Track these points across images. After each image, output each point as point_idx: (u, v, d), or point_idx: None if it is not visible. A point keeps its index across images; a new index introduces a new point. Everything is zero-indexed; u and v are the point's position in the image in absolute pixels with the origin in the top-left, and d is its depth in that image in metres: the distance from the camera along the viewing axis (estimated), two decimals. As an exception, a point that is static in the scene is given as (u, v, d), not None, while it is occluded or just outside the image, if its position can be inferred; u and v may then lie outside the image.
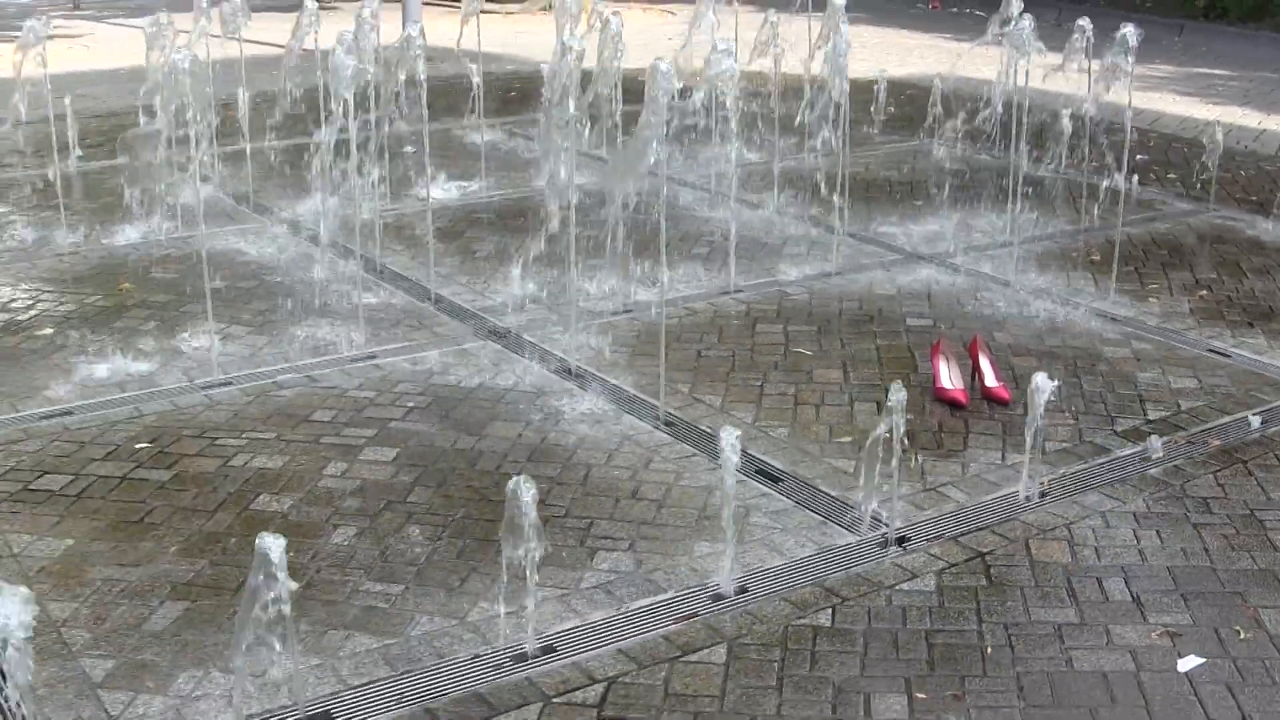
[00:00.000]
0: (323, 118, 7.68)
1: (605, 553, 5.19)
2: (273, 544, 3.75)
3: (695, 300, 7.94)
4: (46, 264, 8.59)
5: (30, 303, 7.86)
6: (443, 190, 10.21)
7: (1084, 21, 8.34)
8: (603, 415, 6.35)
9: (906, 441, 5.19)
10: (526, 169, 10.93)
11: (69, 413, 6.40)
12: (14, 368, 6.91)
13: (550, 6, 11.40)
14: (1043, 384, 5.47)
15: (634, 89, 6.94)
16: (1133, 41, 7.55)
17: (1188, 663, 4.56)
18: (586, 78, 6.60)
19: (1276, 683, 4.49)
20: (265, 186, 9.99)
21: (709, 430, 6.21)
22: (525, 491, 4.24)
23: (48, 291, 8.06)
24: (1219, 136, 10.03)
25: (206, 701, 4.30)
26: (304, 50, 9.15)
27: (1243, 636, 4.73)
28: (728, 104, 7.34)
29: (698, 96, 6.64)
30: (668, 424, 6.32)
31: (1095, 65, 8.17)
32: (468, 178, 10.47)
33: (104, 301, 7.86)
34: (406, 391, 6.61)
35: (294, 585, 3.79)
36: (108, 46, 17.69)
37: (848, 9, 8.42)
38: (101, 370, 6.84)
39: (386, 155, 9.18)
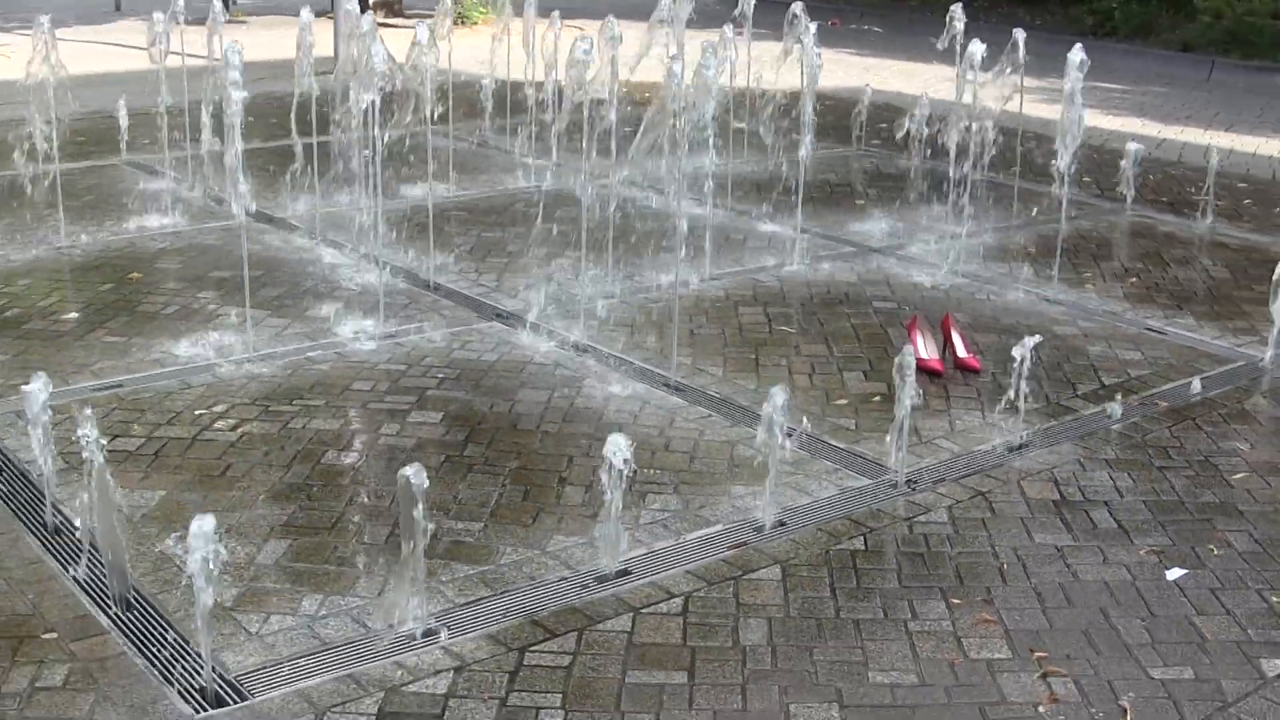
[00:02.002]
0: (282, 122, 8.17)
1: (654, 495, 5.84)
2: (414, 474, 4.35)
3: (671, 286, 8.57)
4: (47, 256, 9.00)
5: (47, 291, 8.29)
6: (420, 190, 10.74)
7: (1019, 33, 9.19)
8: (618, 383, 6.99)
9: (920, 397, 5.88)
10: (487, 171, 11.52)
11: (119, 385, 6.88)
12: (51, 347, 7.37)
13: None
14: (1027, 340, 6.19)
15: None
16: (1079, 59, 8.31)
17: (1174, 573, 5.32)
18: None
19: (1249, 586, 5.25)
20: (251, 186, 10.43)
21: (718, 395, 6.88)
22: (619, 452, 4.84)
23: (60, 281, 8.49)
24: (1132, 145, 10.91)
25: (334, 619, 4.87)
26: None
27: (1216, 553, 5.50)
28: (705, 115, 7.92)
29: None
30: (677, 389, 6.97)
31: (1012, 79, 9.04)
32: (436, 180, 10.96)
33: (119, 290, 8.32)
34: (434, 365, 7.20)
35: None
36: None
37: (752, 28, 9.18)
38: (138, 348, 7.30)
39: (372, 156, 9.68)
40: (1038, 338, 6.24)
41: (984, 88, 9.22)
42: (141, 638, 4.69)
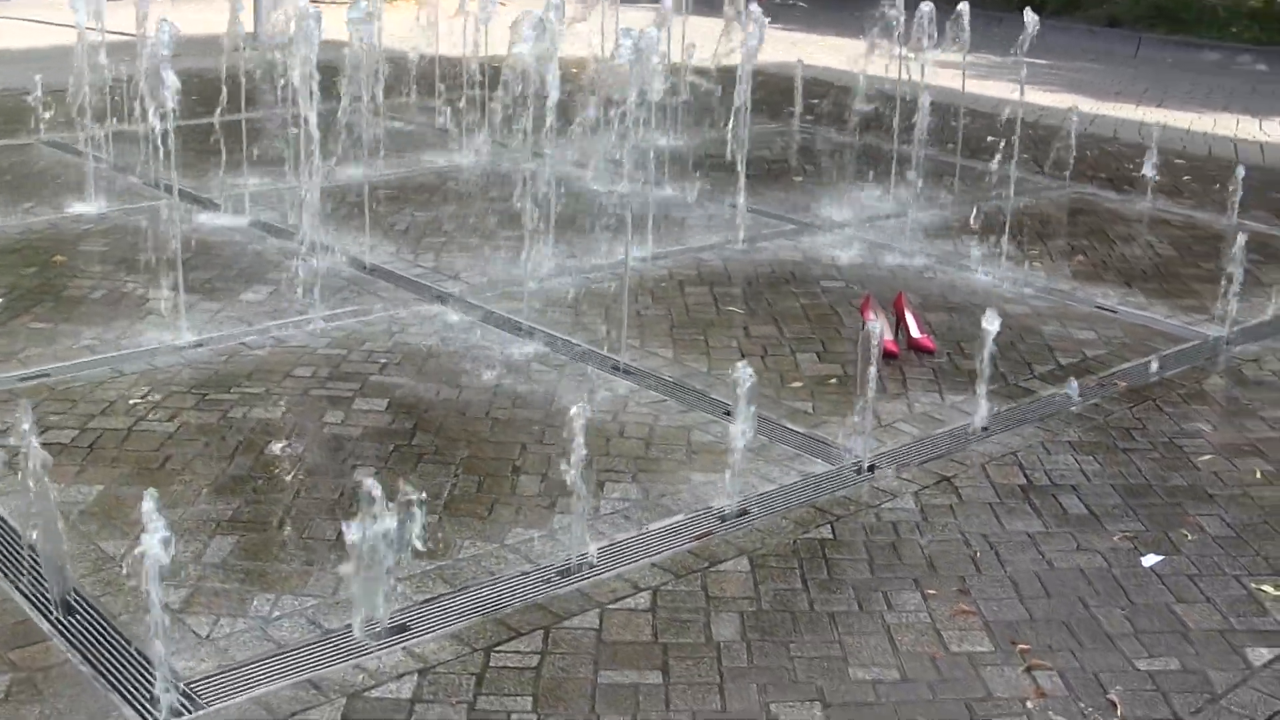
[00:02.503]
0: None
1: (612, 484, 5.64)
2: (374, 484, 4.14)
3: (618, 267, 8.38)
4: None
5: (-34, 275, 7.97)
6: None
7: (963, 7, 9.06)
8: (567, 367, 6.78)
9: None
10: (417, 149, 11.25)
11: (47, 374, 6.59)
12: (-28, 335, 7.05)
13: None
14: (991, 318, 6.04)
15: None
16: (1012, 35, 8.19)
17: (1150, 560, 5.20)
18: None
19: (1227, 573, 5.14)
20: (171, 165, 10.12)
21: (670, 379, 6.69)
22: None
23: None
24: (1073, 120, 10.83)
25: (287, 620, 4.63)
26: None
27: (1190, 539, 5.38)
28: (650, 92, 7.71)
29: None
30: (627, 373, 6.77)
31: (941, 54, 8.92)
32: (363, 158, 10.63)
33: (42, 274, 8.01)
34: (375, 350, 6.96)
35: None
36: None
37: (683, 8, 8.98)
38: (66, 335, 7.01)
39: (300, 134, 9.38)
40: (999, 320, 6.06)
41: (920, 62, 9.07)
42: (86, 644, 4.43)
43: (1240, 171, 9.62)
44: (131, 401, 6.25)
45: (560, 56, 7.33)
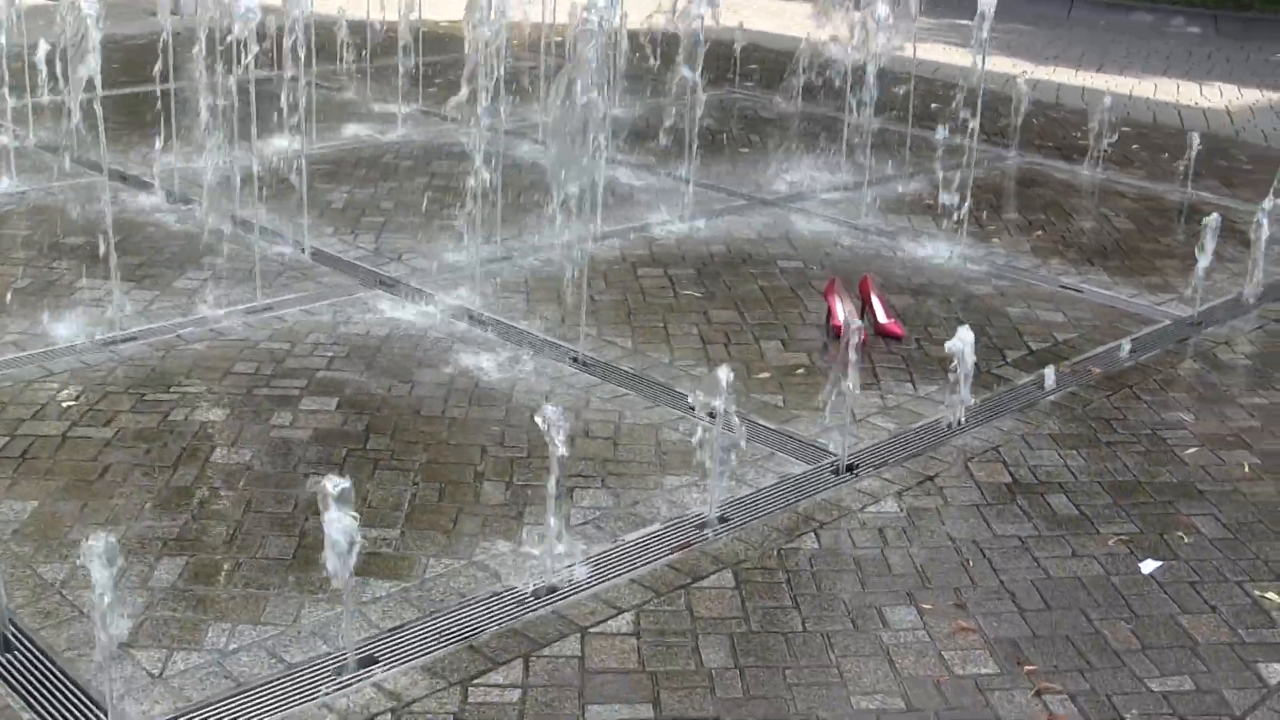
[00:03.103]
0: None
1: (581, 490, 5.34)
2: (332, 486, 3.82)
3: (566, 246, 8.04)
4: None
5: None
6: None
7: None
8: (522, 359, 6.47)
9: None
10: (347, 120, 10.84)
11: (-30, 373, 6.19)
12: (-113, 330, 6.63)
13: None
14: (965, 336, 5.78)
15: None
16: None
17: (1149, 566, 4.97)
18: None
19: (1229, 579, 4.92)
20: (88, 140, 9.65)
21: (631, 371, 6.39)
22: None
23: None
24: (1023, 87, 10.58)
25: (245, 654, 4.30)
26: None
27: (1187, 542, 5.16)
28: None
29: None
30: (586, 365, 6.46)
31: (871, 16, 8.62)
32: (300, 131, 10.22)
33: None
34: (320, 342, 6.61)
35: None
36: None
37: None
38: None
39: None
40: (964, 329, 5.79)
41: (866, 27, 8.78)
42: (26, 685, 4.08)
43: (1194, 140, 9.42)
44: (64, 404, 5.86)
45: (505, 22, 6.95)
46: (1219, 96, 13.75)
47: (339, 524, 3.88)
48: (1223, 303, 7.68)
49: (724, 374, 4.83)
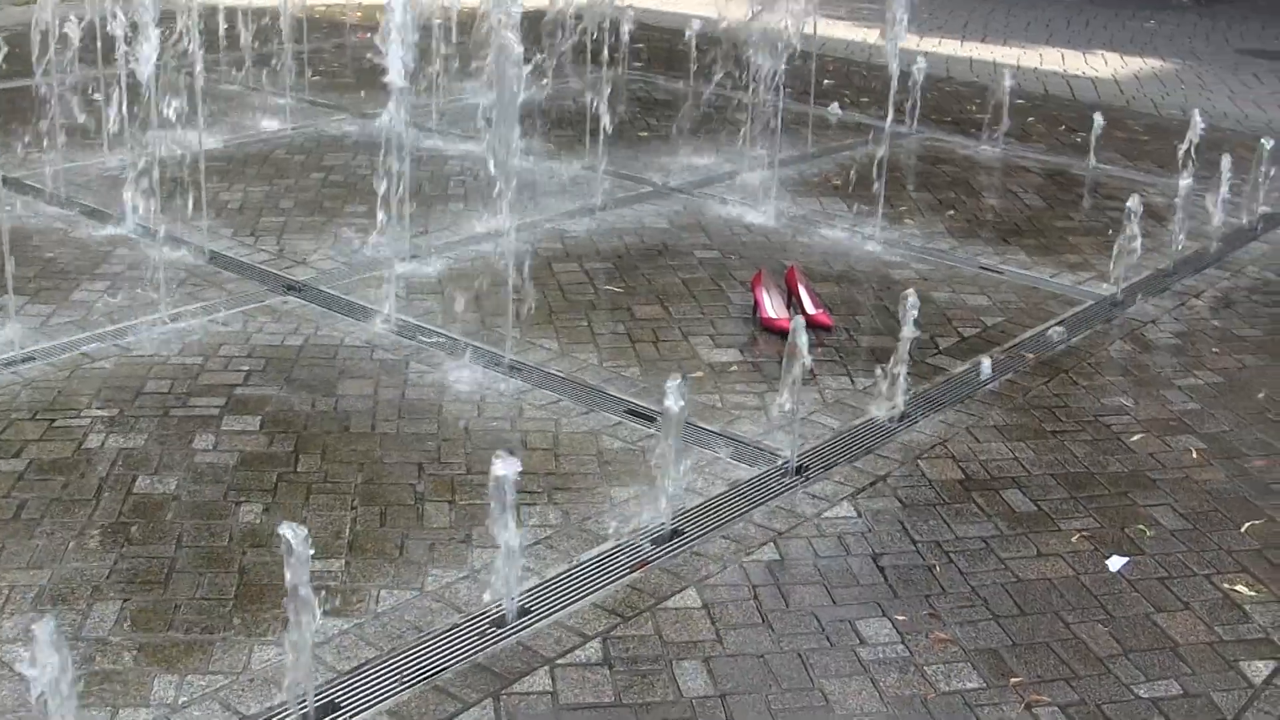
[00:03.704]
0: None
1: (527, 508, 5.13)
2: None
3: (477, 242, 7.83)
4: None
5: None
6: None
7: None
8: (447, 365, 6.24)
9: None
10: (238, 113, 10.46)
11: None
12: None
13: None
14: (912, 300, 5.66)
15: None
16: None
17: (1115, 562, 4.88)
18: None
19: (1197, 572, 4.85)
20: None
21: (562, 375, 6.19)
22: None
23: None
24: (922, 63, 10.49)
25: (197, 708, 4.05)
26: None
27: (1149, 535, 5.08)
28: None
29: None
30: (514, 369, 6.25)
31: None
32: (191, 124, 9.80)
33: None
34: (234, 355, 6.32)
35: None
36: None
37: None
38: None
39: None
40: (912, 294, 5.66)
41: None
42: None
43: (1098, 119, 9.42)
44: (-33, 434, 5.50)
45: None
46: (1104, 65, 13.81)
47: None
48: (1142, 279, 7.62)
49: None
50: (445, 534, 4.94)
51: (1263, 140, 8.41)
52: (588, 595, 4.62)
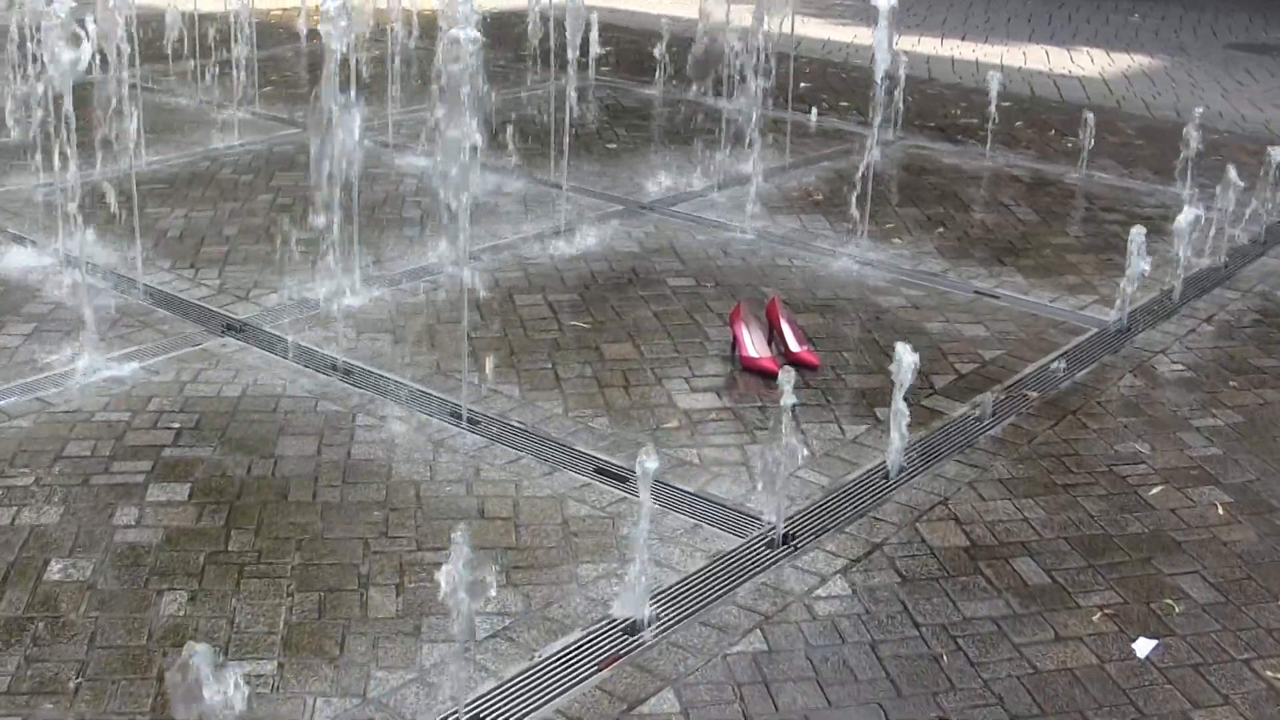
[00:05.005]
0: None
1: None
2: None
3: (431, 273, 7.26)
4: None
5: None
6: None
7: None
8: (395, 418, 5.68)
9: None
10: (179, 130, 9.86)
11: None
12: None
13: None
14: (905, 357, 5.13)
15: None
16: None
17: (1143, 647, 4.37)
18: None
19: (1234, 656, 4.33)
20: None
21: (522, 426, 5.64)
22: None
23: None
24: (904, 64, 9.95)
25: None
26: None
27: (1178, 611, 4.55)
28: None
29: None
30: (471, 421, 5.69)
31: None
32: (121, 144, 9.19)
33: None
34: (164, 409, 5.75)
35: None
36: None
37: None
38: None
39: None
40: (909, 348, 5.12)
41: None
42: None
43: (1089, 118, 8.90)
44: None
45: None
46: (1090, 63, 13.30)
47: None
48: (1147, 302, 7.10)
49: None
50: (392, 626, 4.38)
51: (1269, 149, 7.88)
52: (551, 699, 4.05)
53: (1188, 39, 14.87)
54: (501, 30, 12.12)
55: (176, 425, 5.62)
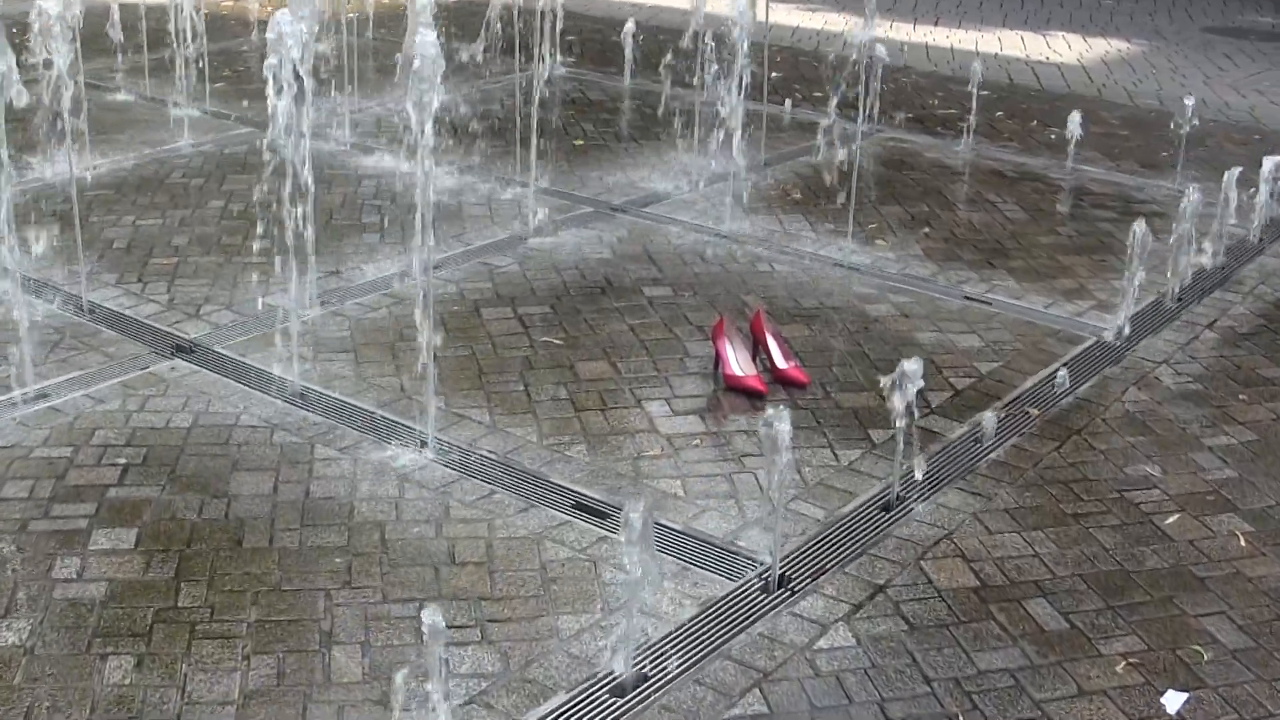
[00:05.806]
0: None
1: (457, 648, 4.19)
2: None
3: (389, 283, 6.86)
4: None
5: None
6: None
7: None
8: (358, 448, 5.28)
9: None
10: (125, 130, 9.41)
11: None
12: None
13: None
14: (910, 370, 4.77)
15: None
16: None
17: (1173, 700, 4.02)
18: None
19: (1273, 712, 3.96)
20: None
21: (494, 457, 5.25)
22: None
23: None
24: (883, 53, 9.53)
25: None
26: None
27: (1206, 659, 4.20)
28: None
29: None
30: (440, 452, 5.30)
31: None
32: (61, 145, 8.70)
33: None
34: (109, 442, 5.34)
35: None
36: None
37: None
38: None
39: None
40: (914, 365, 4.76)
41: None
42: None
43: (1076, 118, 8.55)
44: None
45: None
46: (1068, 49, 12.96)
47: None
48: (1147, 306, 6.76)
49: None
50: (357, 692, 4.00)
51: (1265, 159, 7.55)
52: (534, 776, 3.67)
53: (1163, 22, 14.56)
54: (462, 19, 11.69)
55: (123, 461, 5.21)
